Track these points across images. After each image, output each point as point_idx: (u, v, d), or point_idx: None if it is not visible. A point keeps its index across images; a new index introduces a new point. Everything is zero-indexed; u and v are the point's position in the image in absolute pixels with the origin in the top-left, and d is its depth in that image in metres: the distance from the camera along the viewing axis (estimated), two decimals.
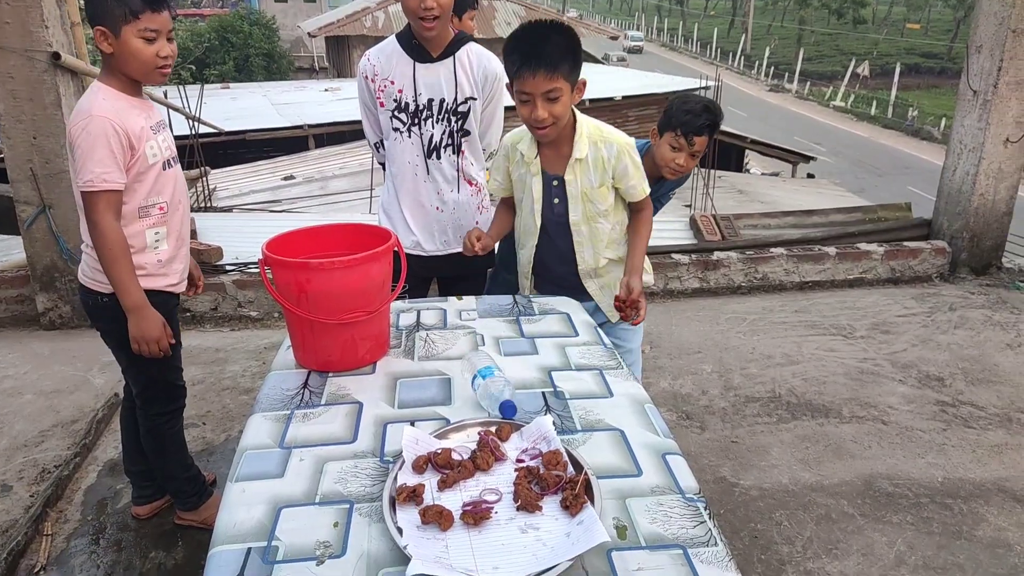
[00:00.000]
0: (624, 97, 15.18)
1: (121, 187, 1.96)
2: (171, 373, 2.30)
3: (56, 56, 3.67)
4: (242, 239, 4.94)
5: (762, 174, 17.56)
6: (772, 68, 44.73)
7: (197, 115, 7.33)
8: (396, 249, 1.84)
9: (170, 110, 6.16)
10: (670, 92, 16.21)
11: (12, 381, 3.56)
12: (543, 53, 1.97)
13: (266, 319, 4.34)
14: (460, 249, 2.37)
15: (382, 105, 2.53)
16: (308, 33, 24.82)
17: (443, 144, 2.53)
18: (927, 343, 4.02)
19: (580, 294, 2.36)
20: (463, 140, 2.55)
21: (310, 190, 9.61)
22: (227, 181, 10.03)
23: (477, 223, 2.59)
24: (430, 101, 2.48)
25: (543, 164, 2.23)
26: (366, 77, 2.54)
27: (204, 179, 7.46)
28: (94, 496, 2.74)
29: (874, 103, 36.00)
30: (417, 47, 2.45)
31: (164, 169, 2.08)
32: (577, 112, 2.20)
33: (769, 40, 51.48)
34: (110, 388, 3.46)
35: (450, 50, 2.47)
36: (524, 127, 2.20)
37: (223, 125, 11.26)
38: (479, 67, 2.50)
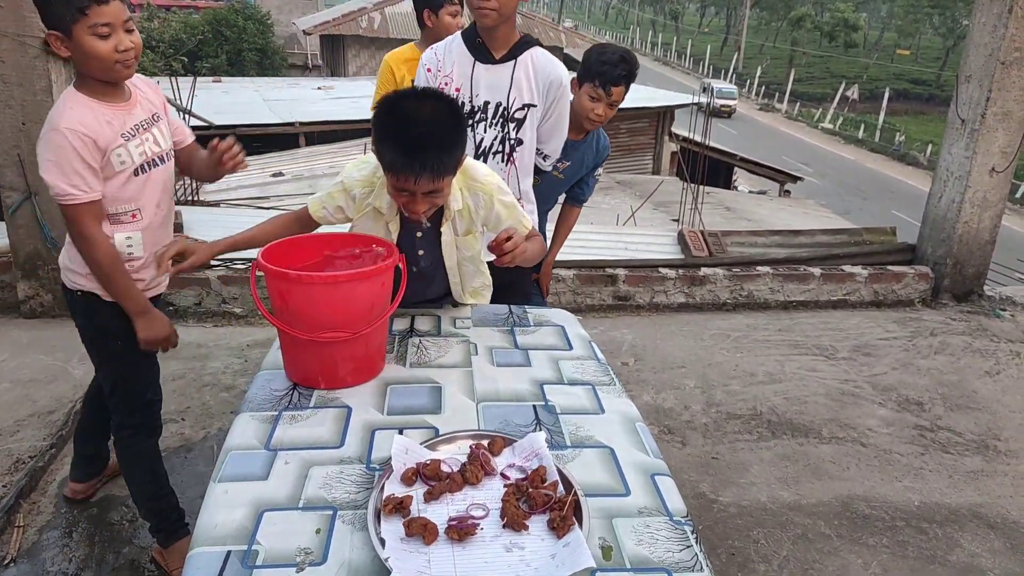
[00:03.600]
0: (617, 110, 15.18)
1: (99, 196, 1.89)
2: (139, 382, 2.17)
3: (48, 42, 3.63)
4: (229, 234, 4.89)
5: (749, 192, 17.69)
6: (763, 87, 45.18)
7: (188, 107, 7.29)
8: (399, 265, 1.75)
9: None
10: (662, 107, 16.32)
11: None
12: (428, 156, 1.65)
13: (250, 316, 4.29)
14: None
15: None
16: (303, 30, 24.72)
17: (492, 150, 2.42)
18: (908, 367, 4.06)
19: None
20: (515, 149, 2.42)
21: (299, 188, 9.58)
22: None
23: None
24: (486, 104, 2.37)
25: (404, 218, 1.95)
26: (428, 69, 2.41)
27: None
28: None
29: (862, 126, 36.43)
30: (480, 47, 2.34)
31: (137, 175, 1.96)
32: None
33: (761, 59, 51.95)
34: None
35: (513, 52, 2.35)
36: (370, 158, 1.93)
37: (213, 119, 11.18)
38: (543, 74, 2.37)
